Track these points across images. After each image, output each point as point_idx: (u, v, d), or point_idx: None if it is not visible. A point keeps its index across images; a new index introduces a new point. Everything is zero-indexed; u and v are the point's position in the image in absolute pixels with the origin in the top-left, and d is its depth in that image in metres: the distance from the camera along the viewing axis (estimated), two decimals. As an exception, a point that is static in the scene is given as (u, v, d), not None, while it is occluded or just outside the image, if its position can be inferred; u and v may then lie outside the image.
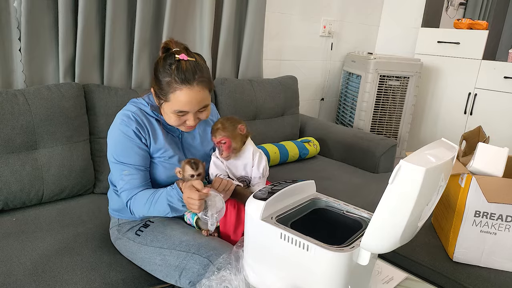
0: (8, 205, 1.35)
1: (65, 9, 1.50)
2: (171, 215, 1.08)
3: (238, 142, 1.16)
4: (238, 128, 1.16)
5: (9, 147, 1.33)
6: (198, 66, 1.05)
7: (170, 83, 1.03)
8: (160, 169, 1.15)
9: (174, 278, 1.04)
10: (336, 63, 2.89)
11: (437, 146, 0.81)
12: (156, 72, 1.07)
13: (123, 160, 1.10)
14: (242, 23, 2.15)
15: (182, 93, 1.03)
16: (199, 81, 1.04)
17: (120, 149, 1.10)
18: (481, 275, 1.20)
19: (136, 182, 1.10)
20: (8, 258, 1.10)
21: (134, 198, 1.10)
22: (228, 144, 1.14)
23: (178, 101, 1.04)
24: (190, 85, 1.03)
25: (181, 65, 1.03)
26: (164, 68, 1.04)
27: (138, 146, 1.10)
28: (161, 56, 1.08)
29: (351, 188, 1.81)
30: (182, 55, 1.04)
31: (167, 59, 1.05)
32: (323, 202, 1.02)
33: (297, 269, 0.83)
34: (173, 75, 1.02)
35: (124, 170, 1.10)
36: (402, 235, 0.73)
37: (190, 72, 1.03)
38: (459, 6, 3.18)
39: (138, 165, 1.10)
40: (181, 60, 1.03)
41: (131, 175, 1.10)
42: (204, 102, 1.08)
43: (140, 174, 1.11)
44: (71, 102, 1.46)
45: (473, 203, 1.18)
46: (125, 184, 1.10)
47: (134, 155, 1.10)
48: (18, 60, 1.50)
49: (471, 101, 2.61)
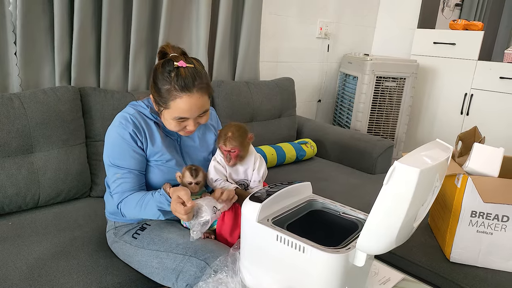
0: (4, 209, 1.34)
1: (60, 12, 1.50)
2: (164, 218, 1.08)
3: (246, 151, 1.17)
4: (248, 137, 1.17)
5: (5, 151, 1.33)
6: (197, 72, 1.05)
7: (170, 91, 1.03)
8: (156, 173, 1.15)
9: (171, 281, 1.03)
10: (333, 65, 2.90)
11: (431, 147, 0.81)
12: (155, 79, 1.06)
13: (118, 163, 1.10)
14: (238, 25, 2.15)
15: (182, 100, 1.03)
16: (199, 88, 1.04)
17: (115, 151, 1.10)
18: (478, 275, 1.20)
19: (128, 185, 1.10)
20: (4, 263, 1.09)
21: (124, 201, 1.10)
22: (237, 153, 1.15)
23: (178, 108, 1.04)
24: (190, 92, 1.03)
25: (180, 73, 1.03)
26: (163, 76, 1.04)
27: (133, 149, 1.10)
28: (159, 63, 1.07)
29: (348, 189, 1.81)
30: (181, 62, 1.04)
31: (165, 66, 1.05)
32: (319, 204, 1.02)
33: (294, 271, 0.83)
34: (173, 83, 1.02)
35: (117, 173, 1.10)
36: (398, 235, 0.73)
37: (190, 79, 1.03)
38: (454, 7, 3.20)
39: (132, 168, 1.10)
40: (180, 68, 1.03)
41: (124, 178, 1.10)
42: (204, 108, 1.09)
43: (133, 177, 1.11)
44: (67, 105, 1.46)
45: (469, 203, 1.18)
46: (117, 187, 1.10)
47: (128, 158, 1.10)
48: (14, 64, 1.50)
49: (467, 101, 2.62)
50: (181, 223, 1.19)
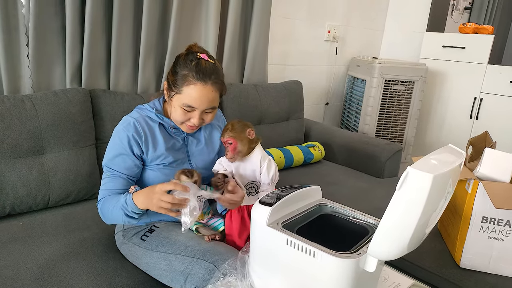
0: (15, 209, 1.36)
1: (72, 15, 1.52)
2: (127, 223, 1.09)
3: (244, 145, 1.16)
4: (246, 132, 1.17)
5: (16, 152, 1.34)
6: (216, 68, 1.11)
7: (186, 77, 1.07)
8: (159, 176, 1.15)
9: (179, 283, 1.03)
10: (341, 68, 2.89)
11: (444, 152, 0.80)
12: (175, 65, 1.12)
13: (109, 164, 1.13)
14: (247, 28, 2.16)
15: (195, 87, 1.07)
16: (214, 82, 1.09)
17: (111, 153, 1.13)
18: (488, 282, 1.19)
19: (111, 185, 1.11)
20: (15, 263, 1.10)
21: (104, 200, 1.11)
22: (234, 146, 1.15)
23: (189, 95, 1.08)
24: (205, 83, 1.07)
25: (201, 63, 1.08)
26: (185, 62, 1.09)
27: (126, 154, 1.12)
28: (183, 52, 1.13)
29: (356, 193, 1.80)
30: (204, 55, 1.11)
31: (189, 55, 1.11)
32: (329, 208, 1.02)
33: (303, 275, 0.83)
34: (191, 70, 1.07)
35: (107, 172, 1.13)
36: (410, 242, 0.73)
37: (208, 71, 1.08)
38: (464, 11, 3.18)
39: (121, 172, 1.12)
40: (202, 59, 1.09)
41: (111, 178, 1.12)
42: (213, 103, 1.12)
43: (120, 181, 1.12)
44: (78, 107, 1.47)
45: (480, 209, 1.17)
46: (102, 185, 1.13)
47: (119, 161, 1.12)
48: (26, 66, 1.51)
49: (476, 105, 2.59)
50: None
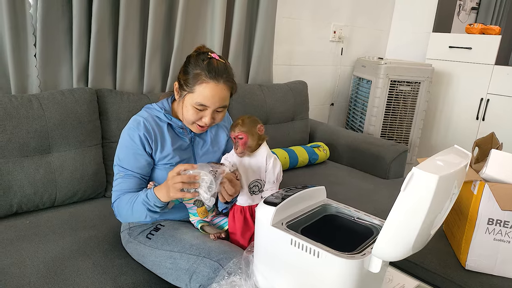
0: (22, 208, 1.37)
1: (79, 15, 1.53)
2: (150, 220, 1.10)
3: (254, 140, 1.16)
4: (257, 127, 1.17)
5: (24, 150, 1.36)
6: (227, 68, 1.13)
7: (199, 76, 1.08)
8: (166, 175, 1.15)
9: (184, 282, 1.04)
10: (346, 68, 2.89)
11: (450, 153, 0.80)
12: (186, 64, 1.13)
13: (122, 164, 1.13)
14: (252, 28, 2.16)
15: (208, 86, 1.08)
16: (226, 80, 1.10)
17: (123, 152, 1.14)
18: (494, 284, 1.18)
19: (126, 185, 1.12)
20: (22, 261, 1.11)
21: (119, 199, 1.12)
22: (245, 140, 1.14)
23: (202, 94, 1.09)
24: (218, 81, 1.09)
25: (213, 62, 1.10)
26: (197, 62, 1.10)
27: (139, 153, 1.13)
28: (194, 53, 1.15)
29: (361, 194, 1.80)
30: (215, 55, 1.13)
31: (200, 55, 1.12)
32: (333, 208, 1.02)
33: (308, 275, 0.83)
34: (204, 69, 1.08)
35: (120, 173, 1.13)
36: (415, 243, 0.72)
37: (220, 70, 1.10)
38: (471, 11, 3.16)
39: (134, 171, 1.13)
40: (213, 58, 1.11)
41: (124, 178, 1.12)
42: (225, 102, 1.13)
43: (134, 180, 1.13)
44: (84, 107, 1.49)
45: (486, 210, 1.16)
46: (115, 186, 1.13)
47: (133, 161, 1.13)
48: (33, 66, 1.53)
49: (483, 106, 2.57)
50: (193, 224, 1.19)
